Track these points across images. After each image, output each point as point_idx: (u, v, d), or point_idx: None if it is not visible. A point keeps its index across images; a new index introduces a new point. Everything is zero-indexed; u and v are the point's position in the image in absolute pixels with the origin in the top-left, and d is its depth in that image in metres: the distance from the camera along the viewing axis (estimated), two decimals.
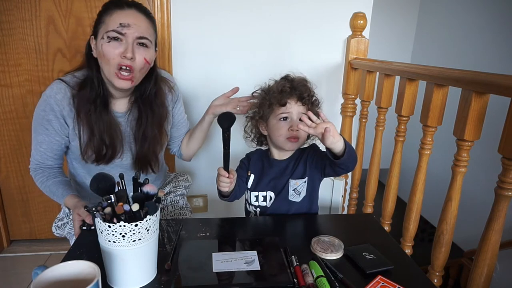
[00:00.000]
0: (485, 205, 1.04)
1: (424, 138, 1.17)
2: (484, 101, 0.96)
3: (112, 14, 0.99)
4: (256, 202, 1.12)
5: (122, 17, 0.99)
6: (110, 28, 0.98)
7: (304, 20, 1.66)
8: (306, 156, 1.10)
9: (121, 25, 0.98)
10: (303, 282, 0.74)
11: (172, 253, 0.84)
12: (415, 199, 1.23)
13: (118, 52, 0.99)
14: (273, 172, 1.11)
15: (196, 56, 1.65)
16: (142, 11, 1.03)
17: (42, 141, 1.09)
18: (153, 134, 1.15)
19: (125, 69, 1.01)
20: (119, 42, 0.99)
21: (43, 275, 0.61)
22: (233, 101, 1.26)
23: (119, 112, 1.13)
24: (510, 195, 0.90)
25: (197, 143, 1.35)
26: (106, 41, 0.99)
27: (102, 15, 1.02)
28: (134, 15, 1.01)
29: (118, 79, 1.01)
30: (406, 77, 1.25)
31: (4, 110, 1.76)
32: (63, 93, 1.05)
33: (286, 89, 1.04)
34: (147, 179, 0.77)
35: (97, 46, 1.02)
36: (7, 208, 1.91)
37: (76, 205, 1.02)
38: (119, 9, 1.00)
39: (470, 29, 2.77)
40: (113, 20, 0.99)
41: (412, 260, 0.86)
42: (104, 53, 0.99)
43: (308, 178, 1.09)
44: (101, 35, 1.00)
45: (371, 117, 1.61)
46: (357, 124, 1.72)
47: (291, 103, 1.04)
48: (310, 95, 1.07)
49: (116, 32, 0.98)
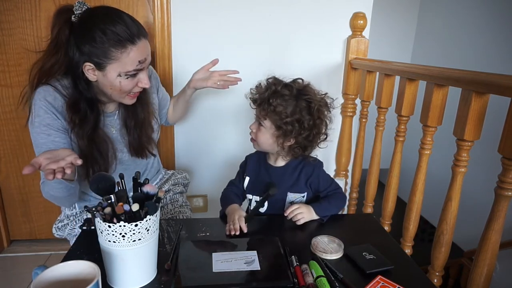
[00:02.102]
0: (485, 205, 1.04)
1: (424, 138, 1.17)
2: (484, 101, 0.96)
3: (129, 53, 0.94)
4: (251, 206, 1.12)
5: (138, 54, 0.96)
6: (130, 69, 0.96)
7: (304, 20, 1.66)
8: (309, 178, 1.07)
9: (140, 62, 0.98)
10: (303, 282, 0.74)
11: (172, 253, 0.84)
12: (415, 199, 1.23)
13: (134, 83, 1.01)
14: (269, 178, 1.09)
15: (196, 56, 1.65)
16: (145, 34, 1.00)
17: (48, 149, 1.03)
18: (143, 117, 1.16)
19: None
20: (136, 75, 1.00)
21: (43, 275, 0.61)
22: (213, 74, 1.27)
23: (109, 112, 1.13)
24: (510, 195, 0.90)
25: (181, 112, 1.42)
26: (124, 78, 0.98)
27: (112, 50, 0.93)
28: (145, 46, 0.98)
29: (130, 99, 1.05)
30: (406, 77, 1.25)
31: (4, 110, 1.76)
32: (53, 95, 0.99)
33: (258, 89, 1.04)
34: (147, 179, 0.77)
35: (107, 78, 0.97)
36: (7, 208, 1.91)
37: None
38: (132, 45, 0.95)
39: (470, 29, 2.77)
40: (131, 60, 0.96)
41: (412, 260, 0.86)
42: (123, 88, 0.99)
43: (307, 194, 1.08)
44: (114, 72, 0.96)
45: (371, 117, 1.61)
46: (357, 124, 1.72)
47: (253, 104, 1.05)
48: (267, 98, 0.98)
49: (136, 71, 0.99)
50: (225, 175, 1.81)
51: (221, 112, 1.75)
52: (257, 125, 1.04)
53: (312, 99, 0.99)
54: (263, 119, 1.01)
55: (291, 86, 1.00)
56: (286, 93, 0.98)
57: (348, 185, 1.84)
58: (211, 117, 1.76)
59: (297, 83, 1.02)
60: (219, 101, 1.73)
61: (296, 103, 0.98)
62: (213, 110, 1.75)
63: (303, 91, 1.00)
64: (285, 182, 1.07)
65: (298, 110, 0.97)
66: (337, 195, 1.08)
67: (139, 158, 1.19)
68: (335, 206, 1.05)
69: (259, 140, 1.04)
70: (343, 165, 1.80)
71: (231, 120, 1.78)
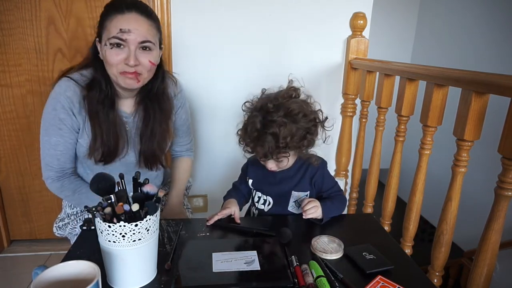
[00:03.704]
0: (485, 205, 1.04)
1: (424, 138, 1.17)
2: (484, 101, 0.96)
3: (112, 19, 0.97)
4: (257, 203, 1.12)
5: (122, 23, 0.97)
6: (111, 35, 0.97)
7: (304, 20, 1.66)
8: (314, 176, 1.07)
9: (121, 30, 0.96)
10: (303, 282, 0.74)
11: (172, 253, 0.84)
12: (415, 199, 1.23)
13: (120, 58, 0.99)
14: (274, 178, 1.09)
15: (196, 55, 1.65)
16: (143, 13, 1.00)
17: (57, 143, 1.06)
18: (161, 129, 1.15)
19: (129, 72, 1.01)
20: (121, 48, 0.98)
21: (43, 275, 0.61)
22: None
23: (125, 112, 1.13)
24: (510, 195, 0.90)
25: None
26: (108, 48, 0.98)
27: (104, 19, 1.00)
28: (134, 19, 0.98)
29: (125, 78, 1.01)
30: (406, 77, 1.25)
31: (4, 110, 1.76)
32: (73, 90, 1.03)
33: (251, 146, 0.98)
34: (147, 179, 0.77)
35: (101, 51, 1.02)
36: (7, 208, 1.91)
37: None
38: (119, 14, 0.97)
39: (470, 29, 2.77)
40: (114, 26, 0.97)
41: (412, 260, 0.86)
42: (107, 59, 0.99)
43: (310, 192, 1.09)
44: (104, 40, 0.99)
45: (371, 117, 1.61)
46: (357, 124, 1.72)
47: (264, 160, 1.00)
48: (276, 148, 0.94)
49: (117, 39, 0.97)
50: (225, 175, 1.82)
51: (221, 112, 1.75)
52: (274, 164, 1.01)
53: (301, 110, 0.95)
54: (285, 159, 0.99)
55: (278, 119, 0.92)
56: (283, 127, 0.92)
57: (348, 185, 1.84)
58: (211, 117, 1.76)
59: (276, 108, 0.94)
60: (219, 101, 1.73)
61: (296, 124, 0.94)
62: (213, 110, 1.75)
63: (291, 112, 0.94)
64: (289, 181, 1.08)
65: (301, 127, 0.95)
66: (339, 197, 1.09)
67: (148, 170, 1.18)
68: (337, 208, 1.06)
69: (284, 167, 1.04)
70: (343, 165, 1.80)
71: (231, 120, 1.77)
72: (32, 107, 1.77)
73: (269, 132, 0.92)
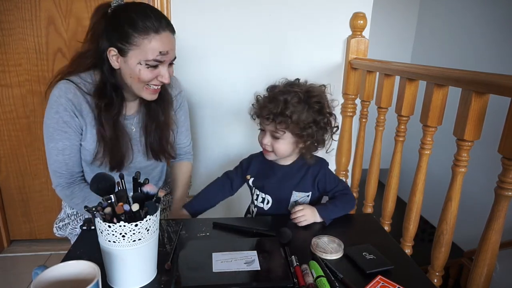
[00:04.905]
0: (485, 205, 1.04)
1: (424, 138, 1.17)
2: (484, 101, 0.96)
3: (151, 40, 0.96)
4: (256, 201, 1.12)
5: (160, 45, 0.97)
6: (150, 58, 0.97)
7: (304, 20, 1.66)
8: (316, 176, 1.07)
9: (160, 53, 0.97)
10: (303, 282, 0.74)
11: (172, 253, 0.84)
12: (415, 199, 1.23)
13: (154, 75, 1.00)
14: (275, 176, 1.09)
15: (196, 55, 1.65)
16: (172, 30, 1.01)
17: (64, 148, 1.04)
18: (164, 117, 1.15)
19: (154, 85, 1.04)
20: (156, 67, 1.00)
21: (43, 275, 0.61)
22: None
23: (129, 115, 1.13)
24: (510, 195, 0.89)
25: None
26: (144, 67, 0.98)
27: (134, 35, 0.95)
28: (169, 39, 0.99)
29: (150, 92, 1.04)
30: (406, 77, 1.25)
31: (4, 110, 1.76)
32: (73, 93, 1.02)
33: (261, 104, 1.02)
34: (147, 179, 0.77)
35: (128, 65, 0.99)
36: (7, 208, 1.91)
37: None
38: (154, 33, 0.96)
39: (470, 29, 2.77)
40: (152, 49, 0.96)
41: (412, 260, 0.86)
42: (141, 77, 0.99)
43: (311, 193, 1.08)
44: (135, 59, 0.97)
45: (371, 117, 1.61)
46: (357, 124, 1.72)
47: (264, 121, 1.02)
48: (281, 112, 0.96)
49: (156, 61, 0.98)
50: None
51: (221, 112, 1.75)
52: (270, 138, 1.02)
53: (320, 99, 0.99)
54: (282, 132, 0.99)
55: (297, 91, 0.98)
56: (296, 100, 0.96)
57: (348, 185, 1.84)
58: (211, 117, 1.76)
59: (299, 86, 1.01)
60: (219, 101, 1.73)
61: (308, 107, 0.98)
62: (213, 110, 1.75)
63: (310, 93, 0.99)
64: (290, 180, 1.08)
65: (311, 113, 0.98)
66: (344, 196, 1.07)
67: (155, 161, 1.19)
68: (341, 209, 1.04)
69: (278, 151, 1.02)
70: (343, 165, 1.80)
71: (231, 119, 1.77)
72: (32, 107, 1.77)
73: (283, 97, 0.96)
